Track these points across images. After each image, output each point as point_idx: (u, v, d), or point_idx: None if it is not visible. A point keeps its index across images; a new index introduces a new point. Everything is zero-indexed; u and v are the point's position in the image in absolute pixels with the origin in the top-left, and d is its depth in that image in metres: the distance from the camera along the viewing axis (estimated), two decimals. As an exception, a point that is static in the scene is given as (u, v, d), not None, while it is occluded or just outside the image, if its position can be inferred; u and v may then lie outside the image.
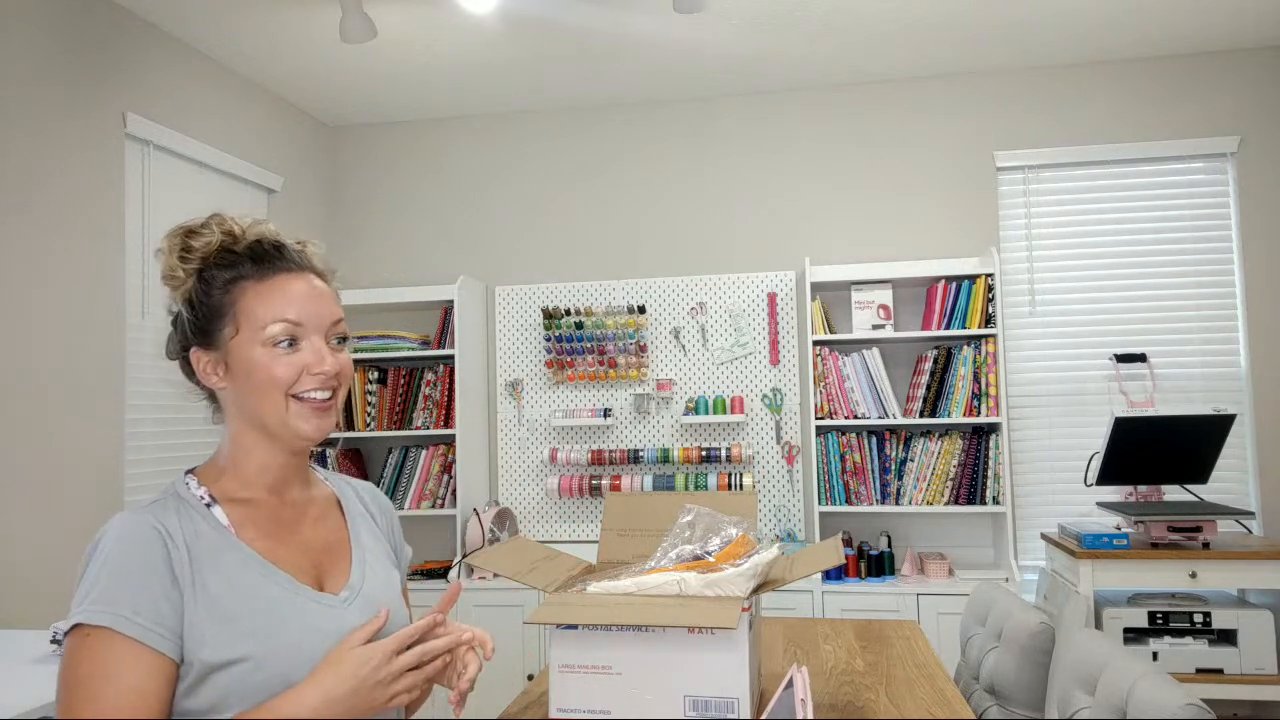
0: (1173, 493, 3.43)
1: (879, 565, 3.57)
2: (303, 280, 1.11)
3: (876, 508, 3.64)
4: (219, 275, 1.08)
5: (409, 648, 1.04)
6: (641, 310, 4.04)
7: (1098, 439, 3.73)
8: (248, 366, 1.06)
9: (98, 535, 1.00)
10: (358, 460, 4.19)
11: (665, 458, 3.88)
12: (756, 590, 1.44)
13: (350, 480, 1.29)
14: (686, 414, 3.87)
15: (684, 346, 4.04)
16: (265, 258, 1.10)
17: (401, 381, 4.07)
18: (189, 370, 1.12)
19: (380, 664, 1.00)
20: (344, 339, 1.13)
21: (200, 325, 1.09)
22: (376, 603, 1.12)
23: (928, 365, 3.65)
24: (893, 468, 3.68)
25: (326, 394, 1.09)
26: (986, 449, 3.59)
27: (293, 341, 1.08)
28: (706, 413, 3.89)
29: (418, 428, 3.99)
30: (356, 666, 1.00)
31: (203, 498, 1.07)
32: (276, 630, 1.01)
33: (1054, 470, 3.78)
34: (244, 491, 1.11)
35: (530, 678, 3.65)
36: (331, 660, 1.01)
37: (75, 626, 0.96)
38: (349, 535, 1.19)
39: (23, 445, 2.60)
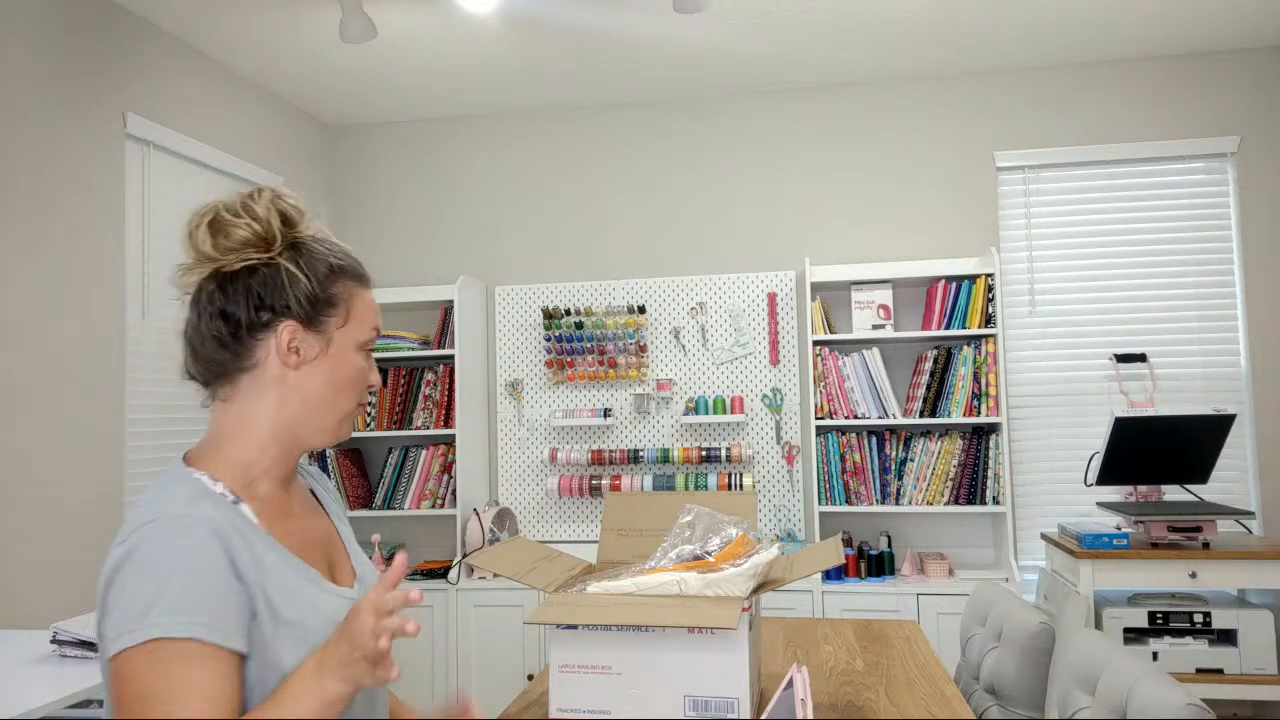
0: (1173, 493, 3.43)
1: (879, 565, 3.57)
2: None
3: (876, 508, 3.64)
4: (322, 259, 1.07)
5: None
6: (641, 310, 4.04)
7: (1098, 439, 3.73)
8: (340, 363, 1.07)
9: (132, 542, 0.92)
10: (358, 460, 4.19)
11: (665, 458, 3.88)
12: (756, 590, 1.44)
13: (305, 467, 1.23)
14: (686, 414, 3.87)
15: (684, 346, 4.04)
16: (360, 267, 1.15)
17: (401, 381, 4.07)
18: (232, 334, 1.03)
19: (361, 616, 0.91)
20: None
21: (311, 302, 1.04)
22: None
23: (928, 365, 3.65)
24: (893, 468, 3.68)
25: None
26: (986, 449, 3.59)
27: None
28: (706, 413, 3.89)
29: (418, 428, 3.99)
30: (343, 629, 0.93)
31: (224, 494, 1.00)
32: (327, 629, 1.00)
33: (1054, 470, 3.78)
34: (257, 484, 1.05)
35: (530, 678, 3.65)
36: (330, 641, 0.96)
37: (144, 642, 0.89)
38: (335, 526, 1.18)
39: (23, 445, 2.60)
